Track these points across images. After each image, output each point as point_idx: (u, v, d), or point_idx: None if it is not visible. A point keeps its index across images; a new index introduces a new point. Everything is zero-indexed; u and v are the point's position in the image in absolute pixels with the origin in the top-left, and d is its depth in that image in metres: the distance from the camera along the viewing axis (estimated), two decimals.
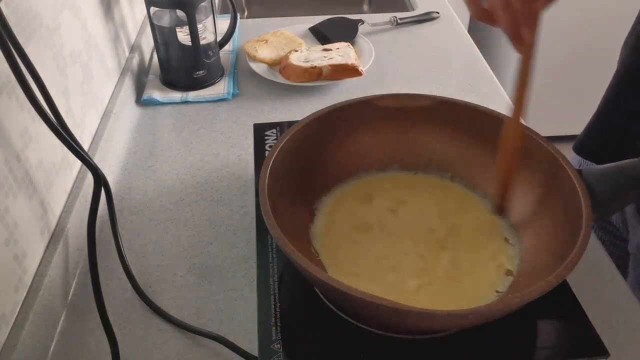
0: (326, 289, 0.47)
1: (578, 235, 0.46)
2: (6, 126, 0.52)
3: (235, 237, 0.67)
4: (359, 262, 0.54)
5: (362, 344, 0.48)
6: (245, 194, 0.73)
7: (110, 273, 0.63)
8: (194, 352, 0.55)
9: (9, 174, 0.52)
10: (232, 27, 0.98)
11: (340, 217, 0.59)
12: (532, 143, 0.56)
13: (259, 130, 0.71)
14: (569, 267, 0.44)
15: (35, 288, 0.54)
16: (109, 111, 0.81)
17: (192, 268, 0.64)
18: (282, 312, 0.50)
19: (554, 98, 2.02)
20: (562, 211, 0.52)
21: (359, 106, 0.61)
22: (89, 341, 0.56)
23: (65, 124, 0.55)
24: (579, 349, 0.47)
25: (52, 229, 0.61)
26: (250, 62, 0.98)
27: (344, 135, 0.62)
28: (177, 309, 0.59)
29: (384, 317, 0.45)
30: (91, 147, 0.74)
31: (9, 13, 0.53)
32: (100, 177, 0.60)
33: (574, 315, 0.50)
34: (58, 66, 0.65)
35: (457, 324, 0.46)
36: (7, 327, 0.50)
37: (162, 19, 0.89)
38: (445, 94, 0.65)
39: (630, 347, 0.54)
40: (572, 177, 0.51)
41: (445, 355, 0.48)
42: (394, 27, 1.15)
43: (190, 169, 0.78)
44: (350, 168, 0.63)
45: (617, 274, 0.62)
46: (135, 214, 0.71)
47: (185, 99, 0.91)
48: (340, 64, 0.93)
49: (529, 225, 0.56)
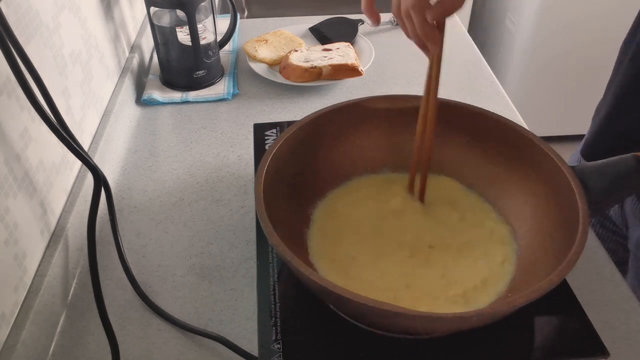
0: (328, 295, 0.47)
1: (576, 232, 0.46)
2: (6, 126, 0.52)
3: (235, 237, 0.67)
4: (353, 264, 0.54)
5: (362, 344, 0.48)
6: (245, 194, 0.73)
7: (110, 273, 0.63)
8: (194, 352, 0.55)
9: (9, 174, 0.52)
10: (232, 27, 0.98)
11: (335, 219, 0.59)
12: (526, 142, 0.56)
13: (259, 130, 0.71)
14: (569, 265, 0.44)
15: (35, 288, 0.54)
16: (109, 111, 0.81)
17: (192, 268, 0.64)
18: (282, 312, 0.50)
19: (554, 98, 2.02)
20: (558, 209, 0.52)
21: (350, 109, 0.61)
22: (89, 341, 0.56)
23: (65, 124, 0.55)
24: (579, 348, 0.47)
25: (52, 229, 0.61)
26: (250, 62, 0.98)
27: (337, 138, 0.62)
28: (177, 309, 0.59)
29: (388, 321, 0.45)
30: (91, 147, 0.74)
31: (9, 13, 0.53)
32: (100, 177, 0.60)
33: (574, 314, 0.50)
34: (58, 66, 0.65)
35: (461, 326, 0.46)
36: (7, 327, 0.50)
37: (162, 19, 0.89)
38: (445, 94, 0.65)
39: (630, 347, 0.54)
40: (567, 174, 0.51)
41: (445, 355, 0.48)
42: (394, 27, 1.15)
43: (190, 169, 0.78)
44: (344, 171, 0.63)
45: (617, 274, 0.62)
46: (135, 214, 0.71)
47: (185, 99, 0.92)
48: (340, 64, 0.93)
49: (526, 224, 0.56)
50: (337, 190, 0.62)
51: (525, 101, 1.98)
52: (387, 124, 0.63)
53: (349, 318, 0.49)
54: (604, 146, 0.75)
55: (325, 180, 0.62)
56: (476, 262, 0.54)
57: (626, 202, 0.73)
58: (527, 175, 0.57)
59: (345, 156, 0.63)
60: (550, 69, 1.95)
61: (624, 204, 0.74)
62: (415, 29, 0.50)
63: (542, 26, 1.85)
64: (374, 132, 0.63)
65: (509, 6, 1.98)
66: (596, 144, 0.76)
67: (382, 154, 0.64)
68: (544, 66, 1.94)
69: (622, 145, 0.61)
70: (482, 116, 0.60)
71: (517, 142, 0.57)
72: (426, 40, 0.51)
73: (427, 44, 0.51)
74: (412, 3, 0.49)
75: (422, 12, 0.49)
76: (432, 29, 0.50)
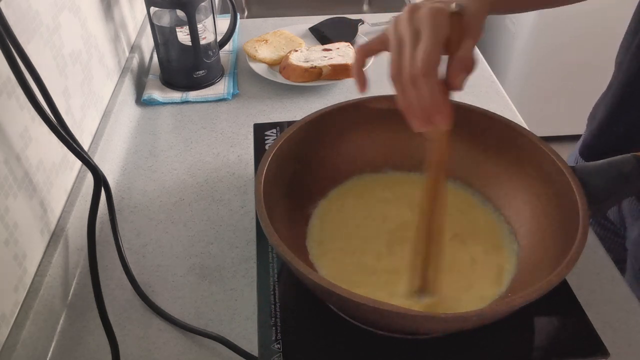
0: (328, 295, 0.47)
1: (576, 232, 0.46)
2: (6, 126, 0.52)
3: (235, 237, 0.67)
4: (353, 263, 0.54)
5: (362, 344, 0.48)
6: (245, 194, 0.73)
7: (110, 273, 0.63)
8: (194, 352, 0.55)
9: (9, 174, 0.52)
10: (232, 27, 0.98)
11: (335, 219, 0.59)
12: (526, 142, 0.56)
13: (259, 130, 0.71)
14: (569, 265, 0.44)
15: (35, 288, 0.54)
16: (109, 111, 0.81)
17: (192, 268, 0.64)
18: (282, 312, 0.50)
19: (553, 98, 2.02)
20: (559, 209, 0.52)
21: (351, 108, 0.61)
22: (89, 341, 0.56)
23: (65, 124, 0.55)
24: (579, 348, 0.47)
25: (52, 229, 0.61)
26: (250, 62, 0.98)
27: (336, 138, 0.62)
28: (177, 309, 0.59)
29: (389, 321, 0.45)
30: (91, 147, 0.74)
31: (9, 13, 0.53)
32: (100, 177, 0.60)
33: (574, 314, 0.50)
34: (58, 66, 0.65)
35: (461, 326, 0.46)
36: (7, 327, 0.50)
37: (162, 19, 0.89)
38: None
39: (630, 347, 0.54)
40: (567, 175, 0.51)
41: (445, 355, 0.48)
42: None
43: (190, 169, 0.78)
44: (344, 171, 0.63)
45: (617, 274, 0.62)
46: (135, 214, 0.71)
47: (185, 99, 0.92)
48: (340, 64, 0.93)
49: (525, 224, 0.56)
50: (338, 190, 0.62)
51: (525, 101, 1.98)
52: (388, 123, 0.63)
53: (349, 318, 0.49)
54: (603, 146, 0.75)
55: (325, 179, 0.62)
56: (476, 262, 0.54)
57: (624, 202, 0.73)
58: (527, 175, 0.57)
59: (346, 156, 0.63)
60: (550, 69, 1.95)
61: (621, 203, 0.74)
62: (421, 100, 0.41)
63: (542, 26, 1.85)
64: (374, 132, 0.63)
65: None
66: (596, 144, 0.76)
67: (383, 154, 0.64)
68: (544, 66, 1.94)
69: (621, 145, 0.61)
70: (482, 116, 0.60)
71: (517, 142, 0.57)
72: (436, 113, 0.41)
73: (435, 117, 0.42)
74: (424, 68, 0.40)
75: (434, 76, 0.40)
76: (445, 97, 0.42)
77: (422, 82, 0.40)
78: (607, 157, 0.55)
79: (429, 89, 0.40)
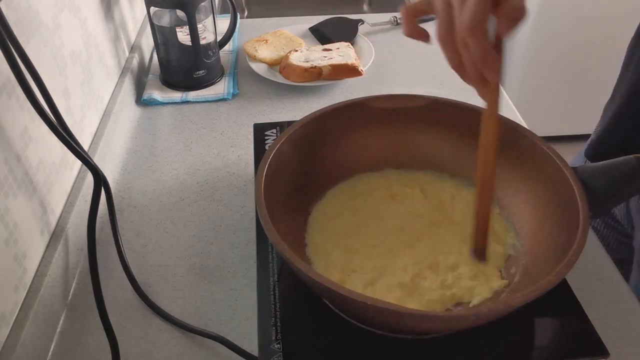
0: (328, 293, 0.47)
1: (576, 232, 0.46)
2: (6, 126, 0.52)
3: (235, 237, 0.67)
4: (354, 262, 0.54)
5: (361, 344, 0.48)
6: (245, 194, 0.73)
7: (110, 273, 0.63)
8: (194, 352, 0.55)
9: (9, 174, 0.52)
10: (232, 27, 0.98)
11: (335, 219, 0.59)
12: (527, 142, 0.56)
13: (259, 130, 0.71)
14: (569, 265, 0.44)
15: (35, 288, 0.54)
16: (109, 111, 0.81)
17: (192, 268, 0.64)
18: (282, 312, 0.50)
19: (554, 98, 2.02)
20: (559, 209, 0.52)
21: (354, 108, 0.61)
22: (89, 341, 0.56)
23: (65, 124, 0.55)
24: (579, 349, 0.47)
25: (52, 229, 0.61)
26: (250, 62, 0.98)
27: (338, 137, 0.62)
28: (177, 309, 0.59)
29: (386, 319, 0.45)
30: (91, 147, 0.74)
31: (9, 13, 0.53)
32: (100, 177, 0.60)
33: (574, 315, 0.50)
34: (58, 66, 0.65)
35: (459, 325, 0.46)
36: (7, 327, 0.50)
37: (162, 19, 0.89)
38: (446, 94, 0.65)
39: (630, 347, 0.54)
40: (568, 175, 0.51)
41: (445, 355, 0.48)
42: (394, 27, 1.15)
43: (190, 169, 0.78)
44: (345, 169, 0.63)
45: (617, 274, 0.62)
46: (135, 214, 0.71)
47: (185, 99, 0.91)
48: (340, 64, 0.93)
49: (526, 224, 0.56)
50: (339, 189, 0.62)
51: (525, 101, 1.98)
52: (389, 123, 0.63)
53: (348, 317, 0.50)
54: (610, 147, 0.74)
55: (326, 178, 0.62)
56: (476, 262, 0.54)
57: (631, 201, 0.73)
58: (527, 176, 0.57)
59: (347, 155, 0.63)
60: (550, 69, 1.95)
61: (629, 203, 0.74)
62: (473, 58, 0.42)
63: (542, 26, 1.85)
64: (376, 131, 0.63)
65: None
66: (602, 144, 0.76)
67: (384, 153, 0.64)
68: (544, 66, 1.94)
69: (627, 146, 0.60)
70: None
71: (517, 142, 0.57)
72: (486, 69, 0.42)
73: (485, 73, 0.42)
74: (470, 23, 0.40)
75: (484, 33, 0.40)
76: (494, 53, 0.42)
77: (471, 39, 0.40)
78: (614, 158, 0.55)
79: (478, 44, 0.40)
